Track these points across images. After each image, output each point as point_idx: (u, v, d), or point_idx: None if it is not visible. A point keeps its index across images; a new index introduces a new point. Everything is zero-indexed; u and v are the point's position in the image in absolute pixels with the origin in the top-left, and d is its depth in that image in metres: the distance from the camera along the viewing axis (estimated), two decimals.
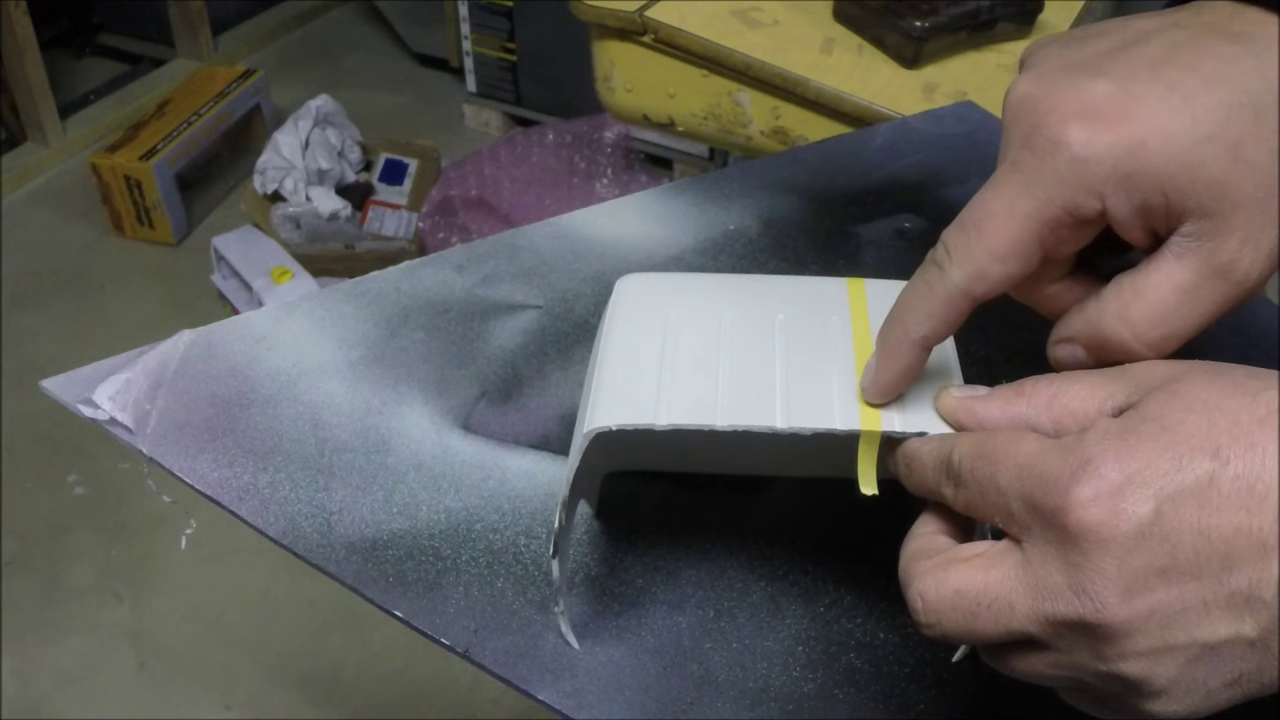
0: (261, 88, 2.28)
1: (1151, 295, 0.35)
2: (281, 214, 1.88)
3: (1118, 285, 0.36)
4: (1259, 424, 0.30)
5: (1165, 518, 0.30)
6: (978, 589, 0.33)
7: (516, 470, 0.51)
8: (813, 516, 0.50)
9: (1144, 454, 0.30)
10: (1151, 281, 0.35)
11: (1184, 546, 0.30)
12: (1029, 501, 0.32)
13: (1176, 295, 0.35)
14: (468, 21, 2.28)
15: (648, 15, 1.04)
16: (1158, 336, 0.35)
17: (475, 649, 0.44)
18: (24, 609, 1.50)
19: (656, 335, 0.44)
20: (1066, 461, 0.31)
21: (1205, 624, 0.30)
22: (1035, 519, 0.32)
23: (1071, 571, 0.31)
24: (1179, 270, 0.35)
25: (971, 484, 0.34)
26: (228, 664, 1.44)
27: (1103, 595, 0.30)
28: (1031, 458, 0.32)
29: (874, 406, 0.39)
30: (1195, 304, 0.35)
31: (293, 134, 1.94)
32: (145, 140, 2.07)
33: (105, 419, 0.51)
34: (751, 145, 1.07)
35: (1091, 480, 0.30)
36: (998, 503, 0.33)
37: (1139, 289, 0.35)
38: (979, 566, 0.33)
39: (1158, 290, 0.35)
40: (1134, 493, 0.30)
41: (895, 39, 1.03)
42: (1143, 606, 0.30)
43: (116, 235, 2.13)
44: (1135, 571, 0.30)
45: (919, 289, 0.38)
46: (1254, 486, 0.29)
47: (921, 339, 0.38)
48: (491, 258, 0.62)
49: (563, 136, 1.96)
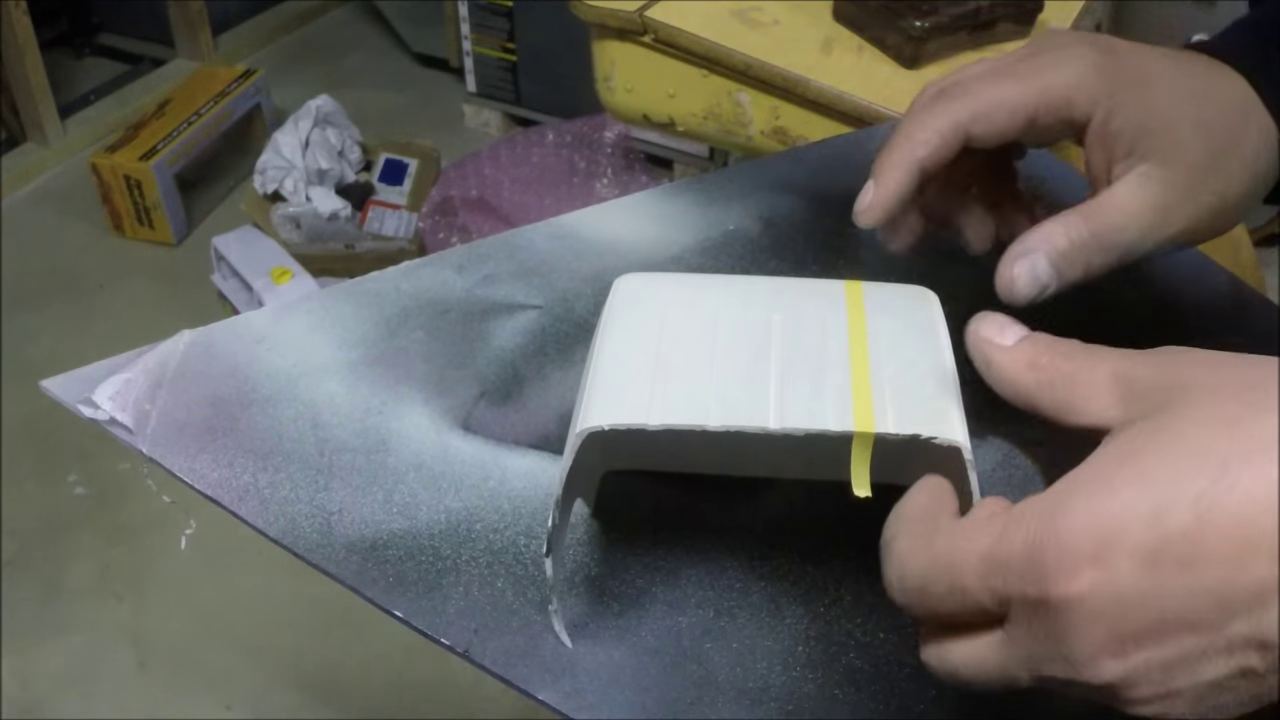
0: (261, 88, 2.28)
1: (1108, 210, 0.43)
2: (281, 214, 1.88)
3: (1074, 208, 0.44)
4: (1244, 461, 0.28)
5: (1146, 580, 0.28)
6: (975, 669, 0.32)
7: (516, 470, 0.51)
8: (813, 516, 0.50)
9: (1118, 508, 0.29)
10: (1108, 202, 0.43)
11: (1172, 605, 0.28)
12: (999, 596, 0.30)
13: (1125, 214, 0.43)
14: (468, 21, 2.28)
15: (648, 15, 1.04)
16: (1110, 239, 0.43)
17: (475, 649, 0.44)
18: (24, 609, 1.50)
19: (652, 335, 0.44)
20: (1032, 535, 0.30)
21: (1208, 668, 0.29)
22: (1010, 605, 0.31)
23: (1061, 643, 0.30)
24: (1130, 200, 0.43)
25: (925, 597, 0.32)
26: (228, 664, 1.44)
27: (1097, 661, 0.29)
28: (990, 548, 0.31)
29: (865, 415, 0.39)
30: (1136, 224, 0.43)
31: (293, 134, 1.94)
32: (145, 140, 2.07)
33: (105, 419, 0.51)
34: (751, 145, 1.07)
35: (1063, 550, 0.29)
36: (965, 603, 0.31)
37: (1097, 206, 0.43)
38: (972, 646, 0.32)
39: (1112, 209, 0.43)
40: (1110, 559, 0.28)
41: (895, 39, 1.03)
42: (1139, 662, 0.29)
43: (116, 235, 2.13)
44: (1125, 635, 0.29)
45: (926, 116, 0.44)
46: (1240, 533, 0.28)
47: (921, 159, 0.43)
48: (491, 258, 0.62)
49: (563, 136, 1.96)
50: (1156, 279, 0.62)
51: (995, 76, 0.44)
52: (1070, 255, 0.43)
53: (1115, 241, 0.43)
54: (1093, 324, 0.57)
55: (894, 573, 0.33)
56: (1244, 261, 1.25)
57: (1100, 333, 0.58)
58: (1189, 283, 0.63)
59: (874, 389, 0.40)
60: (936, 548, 0.32)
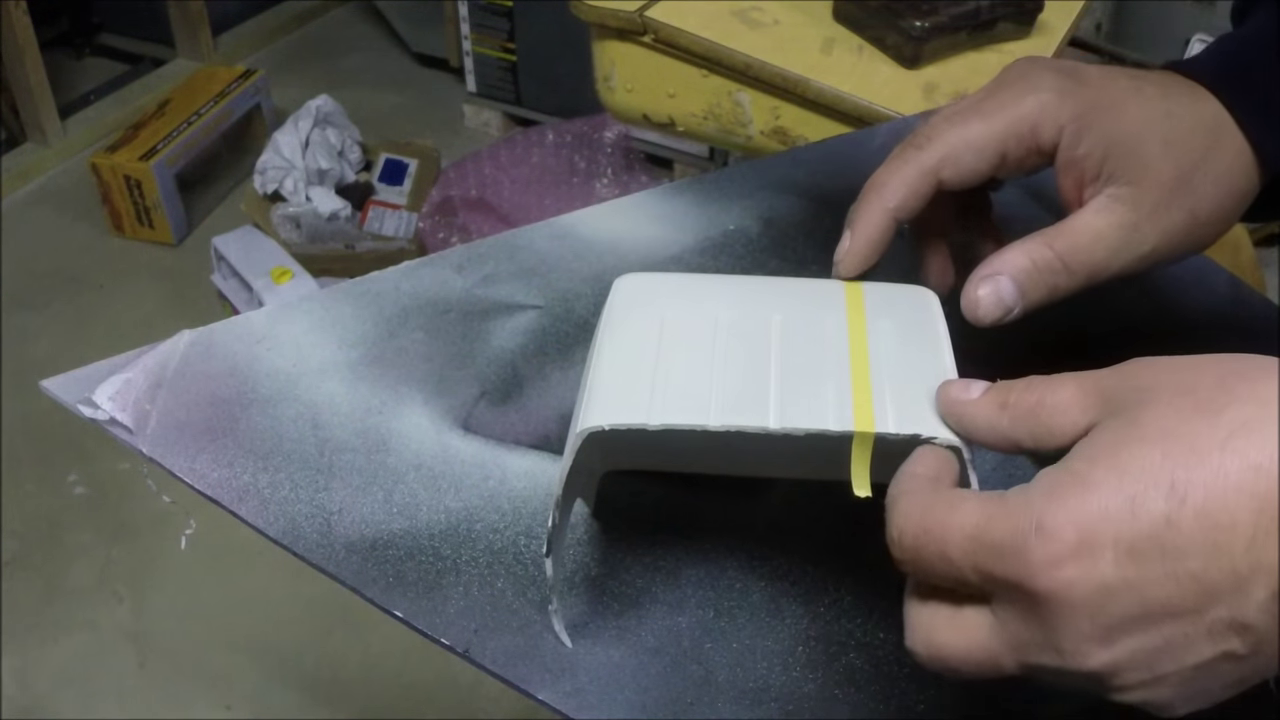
0: (261, 88, 2.28)
1: (1074, 232, 0.44)
2: (281, 214, 1.88)
3: (1042, 230, 0.44)
4: (1219, 449, 0.29)
5: (1127, 570, 0.29)
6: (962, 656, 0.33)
7: (516, 470, 0.51)
8: (813, 516, 0.50)
9: (1096, 503, 0.30)
10: (1074, 224, 0.44)
11: (1153, 593, 0.29)
12: (984, 573, 0.31)
13: (1092, 235, 0.43)
14: (468, 21, 2.28)
15: (648, 15, 1.04)
16: (1076, 261, 0.43)
17: (475, 649, 0.44)
18: (24, 609, 1.50)
19: (652, 335, 0.44)
20: (1017, 526, 0.31)
21: (1191, 652, 0.30)
22: (995, 587, 0.31)
23: (1046, 632, 0.30)
24: (1096, 220, 0.43)
25: (919, 560, 0.33)
26: (228, 664, 1.44)
27: (1082, 649, 0.30)
28: (979, 527, 0.32)
29: (865, 415, 0.39)
30: (1103, 245, 0.43)
31: (293, 134, 1.94)
32: (145, 140, 2.07)
33: (105, 419, 0.51)
34: (751, 145, 1.08)
35: (1046, 544, 0.30)
36: (949, 573, 0.33)
37: (1063, 228, 0.44)
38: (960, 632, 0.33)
39: (1079, 231, 0.44)
40: (1092, 551, 0.29)
41: (895, 39, 1.03)
42: (1123, 651, 0.30)
43: (116, 235, 2.13)
44: (1109, 624, 0.30)
45: (896, 165, 0.44)
46: (1218, 520, 0.28)
47: (894, 209, 0.44)
48: (491, 258, 0.62)
49: (563, 136, 1.96)
50: (1156, 279, 0.62)
51: (960, 118, 0.44)
52: (1035, 277, 0.44)
53: (1082, 262, 0.44)
54: (1092, 325, 0.58)
55: (895, 529, 0.34)
56: (1244, 261, 1.25)
57: (1100, 333, 0.59)
58: (1189, 283, 0.63)
59: (874, 389, 0.40)
60: (931, 515, 0.33)
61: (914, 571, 0.34)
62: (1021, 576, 0.30)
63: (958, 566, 0.32)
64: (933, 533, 0.33)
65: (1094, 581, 0.29)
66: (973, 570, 0.32)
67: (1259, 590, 0.28)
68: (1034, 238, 0.44)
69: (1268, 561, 0.28)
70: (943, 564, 0.32)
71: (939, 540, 0.32)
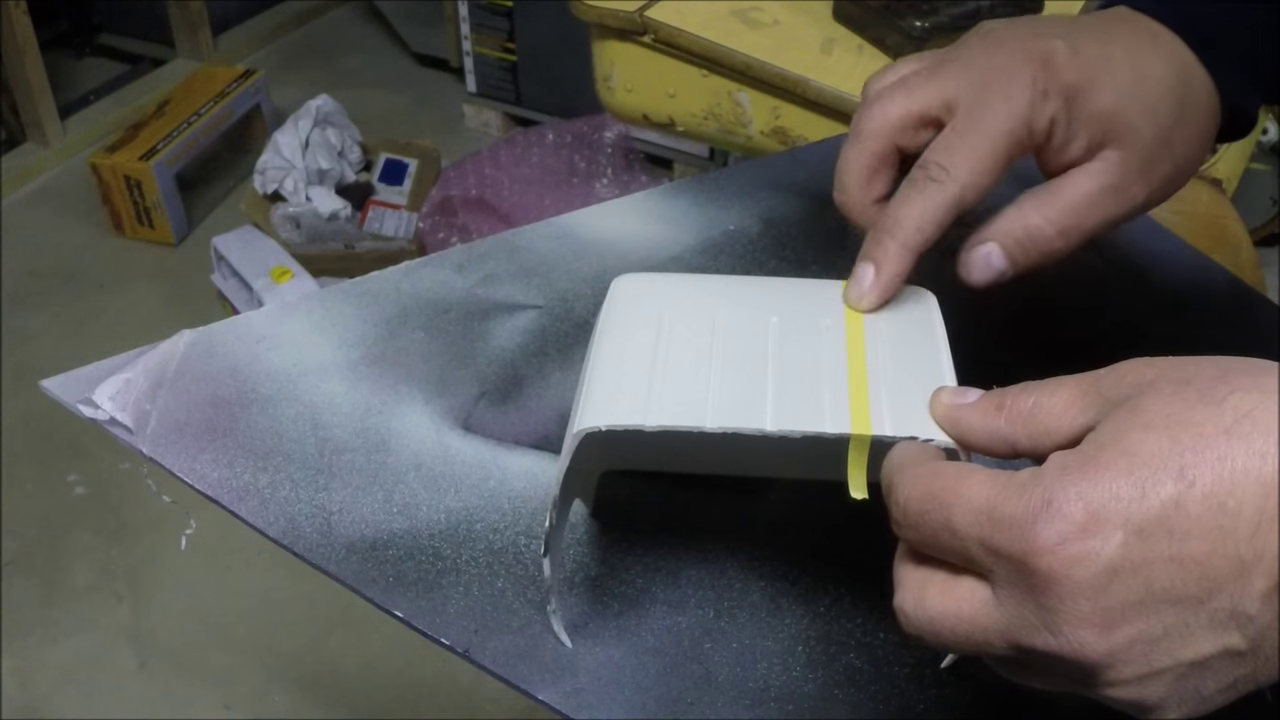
0: (261, 88, 2.28)
1: (1066, 197, 0.45)
2: (281, 214, 1.88)
3: (1033, 193, 0.45)
4: (1225, 434, 0.29)
5: (1134, 551, 0.29)
6: (952, 623, 0.32)
7: (516, 470, 0.51)
8: (813, 517, 0.50)
9: (1105, 485, 0.30)
10: (1066, 188, 0.45)
11: (1158, 577, 0.29)
12: (989, 546, 0.31)
13: (1084, 199, 0.45)
14: (468, 21, 2.28)
15: (648, 15, 1.04)
16: (1068, 225, 0.45)
17: (475, 649, 0.44)
18: (24, 609, 1.50)
19: (650, 335, 0.44)
20: (1026, 503, 0.30)
21: (1189, 645, 0.29)
22: (999, 563, 0.31)
23: (1045, 614, 0.30)
24: (1088, 183, 0.45)
25: (922, 527, 0.33)
26: (228, 664, 1.44)
27: (1080, 635, 0.30)
28: (988, 500, 0.31)
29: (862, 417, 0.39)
30: (1096, 208, 0.45)
31: (293, 134, 1.94)
32: (145, 140, 2.06)
33: (105, 419, 0.51)
34: (751, 145, 1.08)
35: (1054, 522, 0.30)
36: (953, 546, 0.32)
37: (1055, 191, 0.45)
38: (955, 598, 0.32)
39: (1071, 195, 0.45)
40: (1099, 530, 0.29)
41: (895, 39, 1.03)
42: (1122, 639, 0.30)
43: (116, 235, 2.13)
44: (1110, 608, 0.29)
45: (919, 201, 0.44)
46: (1224, 504, 0.28)
47: (921, 244, 0.44)
48: (491, 258, 0.62)
49: (563, 136, 1.95)
50: (1156, 279, 0.62)
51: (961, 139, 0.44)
52: (1027, 244, 0.45)
53: (1075, 226, 0.45)
54: (1092, 325, 0.58)
55: (900, 494, 0.34)
56: (1244, 261, 1.26)
57: (1100, 334, 0.59)
58: (1189, 283, 0.63)
59: (871, 390, 0.40)
60: (939, 481, 0.33)
61: (915, 540, 0.34)
62: (1026, 552, 0.30)
63: (961, 538, 0.32)
64: (939, 498, 0.32)
65: (1100, 562, 0.29)
66: (977, 542, 0.31)
67: (1260, 580, 0.28)
68: (1027, 202, 0.45)
69: (1270, 551, 0.28)
70: (946, 534, 0.32)
71: (945, 507, 0.32)
